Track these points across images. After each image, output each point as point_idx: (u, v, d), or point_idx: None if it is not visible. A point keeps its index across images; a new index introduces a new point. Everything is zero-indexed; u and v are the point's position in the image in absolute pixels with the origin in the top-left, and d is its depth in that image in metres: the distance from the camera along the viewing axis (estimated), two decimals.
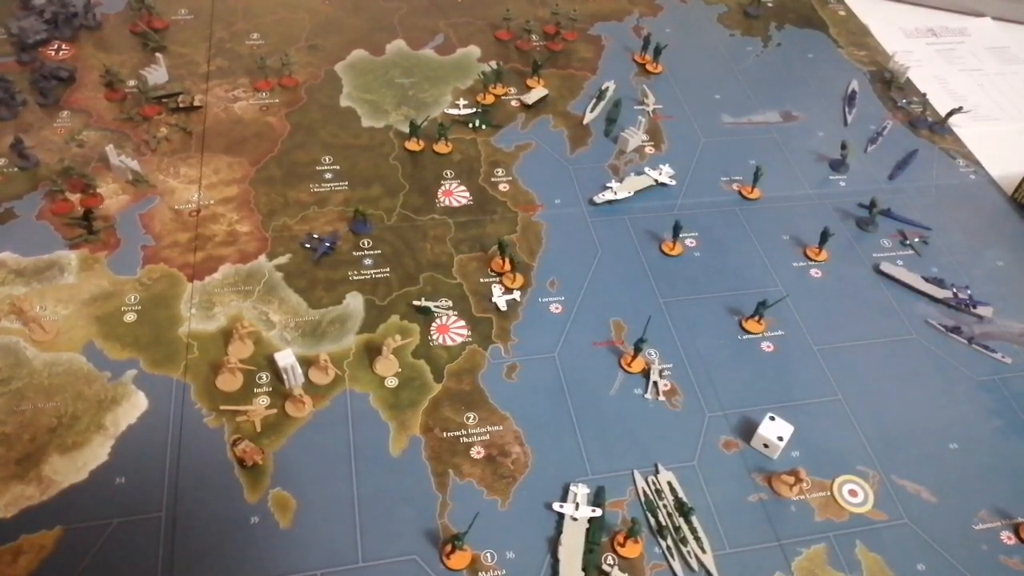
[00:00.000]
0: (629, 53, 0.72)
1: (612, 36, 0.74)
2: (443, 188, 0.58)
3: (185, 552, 0.39)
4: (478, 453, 0.44)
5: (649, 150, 0.63)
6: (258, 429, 0.43)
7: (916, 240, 0.58)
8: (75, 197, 0.54)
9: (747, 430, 0.46)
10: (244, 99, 0.63)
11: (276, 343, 0.47)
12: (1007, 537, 0.43)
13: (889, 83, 0.72)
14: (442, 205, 0.57)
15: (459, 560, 0.39)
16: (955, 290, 0.55)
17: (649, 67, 0.71)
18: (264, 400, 0.45)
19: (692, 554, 0.40)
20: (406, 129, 0.61)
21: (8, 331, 0.46)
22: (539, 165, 0.61)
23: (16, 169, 0.56)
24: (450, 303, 0.51)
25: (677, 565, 0.40)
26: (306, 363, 0.46)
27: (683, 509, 0.41)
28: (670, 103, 0.68)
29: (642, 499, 0.43)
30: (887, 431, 0.47)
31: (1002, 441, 0.47)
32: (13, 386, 0.44)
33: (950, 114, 0.68)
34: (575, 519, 0.41)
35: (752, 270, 0.55)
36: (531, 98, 0.65)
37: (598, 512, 0.41)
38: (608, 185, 0.59)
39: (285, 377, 0.45)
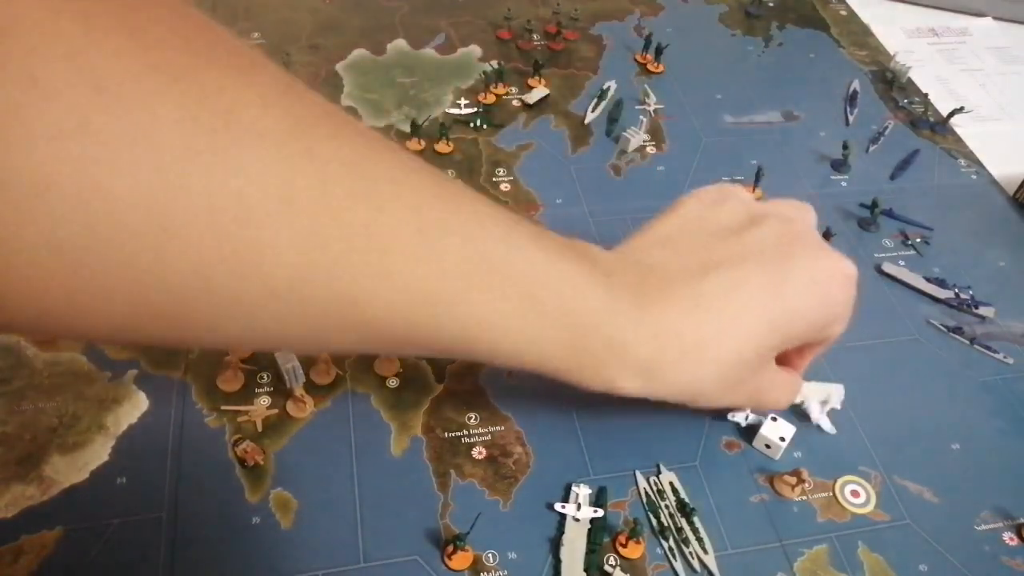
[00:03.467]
0: (630, 53, 0.72)
1: (613, 36, 0.74)
2: None
3: (186, 552, 0.39)
4: (479, 453, 0.44)
5: (651, 150, 0.63)
6: (259, 429, 0.43)
7: (918, 240, 0.58)
8: None
9: (749, 430, 0.46)
10: None
11: None
12: (1009, 538, 0.43)
13: (891, 83, 0.72)
14: None
15: (461, 560, 0.39)
16: (957, 290, 0.54)
17: (650, 67, 0.71)
18: (265, 400, 0.45)
19: (694, 555, 0.40)
20: (407, 128, 0.61)
21: None
22: (540, 165, 0.61)
23: None
24: None
25: (679, 565, 0.40)
26: (307, 363, 0.46)
27: (685, 509, 0.41)
28: (671, 103, 0.68)
29: (644, 499, 0.43)
30: (889, 431, 0.47)
31: (1004, 442, 0.47)
32: (14, 386, 0.44)
33: (951, 114, 0.68)
34: (577, 519, 0.41)
35: None
36: (532, 98, 0.65)
37: (600, 512, 0.41)
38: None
39: (286, 377, 0.45)
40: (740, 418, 0.46)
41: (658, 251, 0.36)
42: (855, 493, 0.44)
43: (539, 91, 0.66)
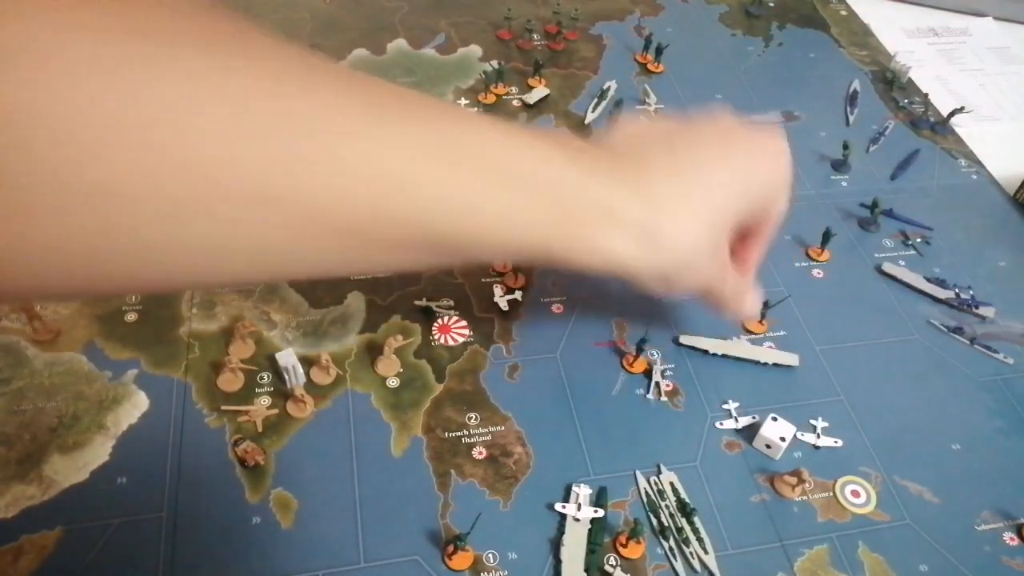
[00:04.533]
0: (630, 53, 0.72)
1: (613, 36, 0.74)
2: None
3: (186, 552, 0.39)
4: (480, 453, 0.44)
5: None
6: (259, 429, 0.43)
7: (918, 240, 0.58)
8: None
9: (749, 430, 0.46)
10: None
11: (277, 343, 0.47)
12: (1010, 538, 0.43)
13: (891, 83, 0.72)
14: None
15: (461, 560, 0.39)
16: (957, 290, 0.54)
17: (651, 67, 0.70)
18: (265, 400, 0.45)
19: (694, 555, 0.40)
20: None
21: (8, 331, 0.46)
22: None
23: None
24: (451, 303, 0.50)
25: (679, 566, 0.40)
26: (307, 363, 0.46)
27: (685, 510, 0.41)
28: (672, 103, 0.68)
29: (644, 500, 0.43)
30: (889, 432, 0.47)
31: (1004, 442, 0.47)
32: (14, 386, 0.44)
33: (952, 114, 0.68)
34: (577, 520, 0.41)
35: None
36: (532, 98, 0.65)
37: (600, 513, 0.41)
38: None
39: (286, 377, 0.45)
40: (732, 423, 0.46)
41: (618, 144, 0.38)
42: (855, 493, 0.44)
43: (539, 91, 0.66)
